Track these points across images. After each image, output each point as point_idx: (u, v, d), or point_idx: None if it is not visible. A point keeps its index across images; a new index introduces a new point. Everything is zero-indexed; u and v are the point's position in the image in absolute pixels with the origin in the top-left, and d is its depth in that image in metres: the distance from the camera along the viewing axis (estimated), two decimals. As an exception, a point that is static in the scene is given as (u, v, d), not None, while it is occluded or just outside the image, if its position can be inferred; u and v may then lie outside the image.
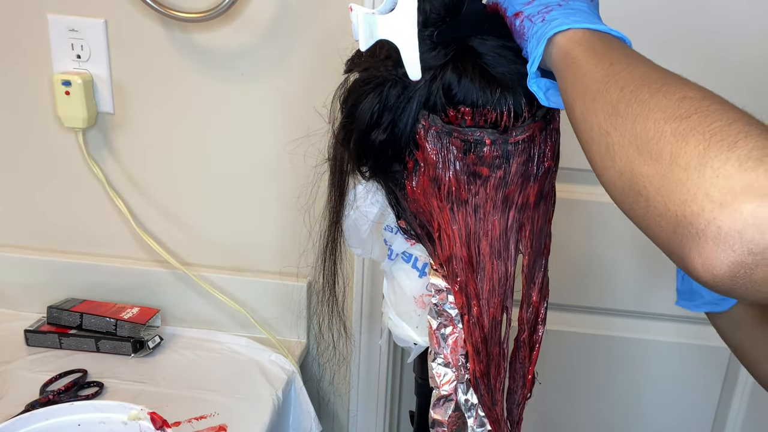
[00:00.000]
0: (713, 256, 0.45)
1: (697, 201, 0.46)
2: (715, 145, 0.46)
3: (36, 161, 1.36)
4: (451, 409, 0.77)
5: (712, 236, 0.45)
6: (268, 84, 1.26)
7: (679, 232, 0.47)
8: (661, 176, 0.49)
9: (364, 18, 0.63)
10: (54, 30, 1.25)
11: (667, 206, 0.48)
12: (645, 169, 0.50)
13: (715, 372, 1.46)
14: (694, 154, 0.47)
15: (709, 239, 0.45)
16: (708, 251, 0.45)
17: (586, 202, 1.34)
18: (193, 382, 1.23)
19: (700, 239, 0.46)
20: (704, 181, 0.46)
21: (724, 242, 0.44)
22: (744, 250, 0.44)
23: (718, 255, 0.45)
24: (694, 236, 0.46)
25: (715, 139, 0.46)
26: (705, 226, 0.45)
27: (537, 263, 0.76)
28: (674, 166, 0.47)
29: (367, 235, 0.88)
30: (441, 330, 0.76)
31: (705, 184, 0.46)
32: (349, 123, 0.71)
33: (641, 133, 0.50)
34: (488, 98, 0.64)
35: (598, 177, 0.56)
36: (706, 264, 0.46)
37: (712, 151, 0.46)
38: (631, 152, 0.51)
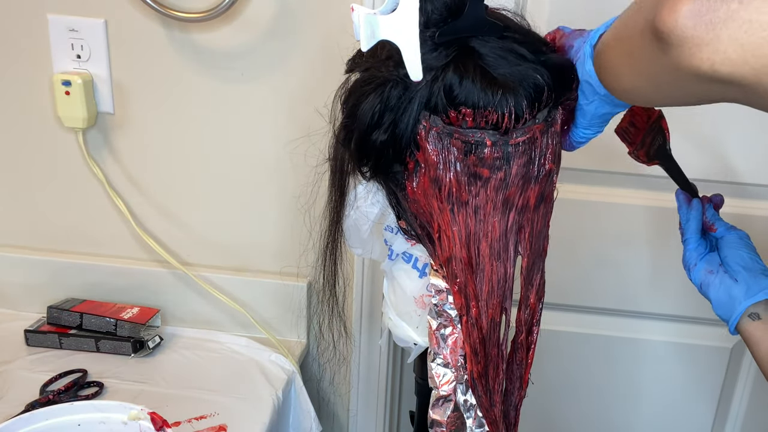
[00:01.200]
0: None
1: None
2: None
3: (36, 161, 1.36)
4: (450, 410, 0.77)
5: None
6: (269, 84, 1.26)
7: (657, 3, 0.49)
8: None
9: (365, 18, 0.63)
10: (54, 30, 1.25)
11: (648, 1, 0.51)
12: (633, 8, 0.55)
13: (715, 372, 1.46)
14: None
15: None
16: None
17: (587, 202, 1.34)
18: (193, 382, 1.23)
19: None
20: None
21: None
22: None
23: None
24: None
25: None
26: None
27: (535, 265, 0.76)
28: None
29: (368, 235, 0.88)
30: (441, 330, 0.76)
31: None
32: (350, 123, 0.71)
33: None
34: (489, 99, 0.64)
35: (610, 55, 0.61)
36: (673, 5, 0.47)
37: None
38: (627, 13, 0.57)
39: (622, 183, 1.33)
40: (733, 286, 0.82)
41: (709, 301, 0.85)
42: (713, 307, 0.85)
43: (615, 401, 1.52)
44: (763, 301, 0.81)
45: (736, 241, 0.85)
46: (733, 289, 0.82)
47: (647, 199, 1.33)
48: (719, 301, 0.83)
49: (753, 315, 0.82)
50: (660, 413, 1.52)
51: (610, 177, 1.33)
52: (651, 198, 1.32)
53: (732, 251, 0.84)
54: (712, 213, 0.89)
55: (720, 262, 0.85)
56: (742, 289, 0.82)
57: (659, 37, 0.49)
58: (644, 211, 1.34)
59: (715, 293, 0.84)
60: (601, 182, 1.33)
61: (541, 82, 0.65)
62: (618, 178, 1.33)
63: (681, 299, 1.40)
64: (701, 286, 0.85)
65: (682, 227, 0.90)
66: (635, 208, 1.34)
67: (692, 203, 0.89)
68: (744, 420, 1.48)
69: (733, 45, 0.45)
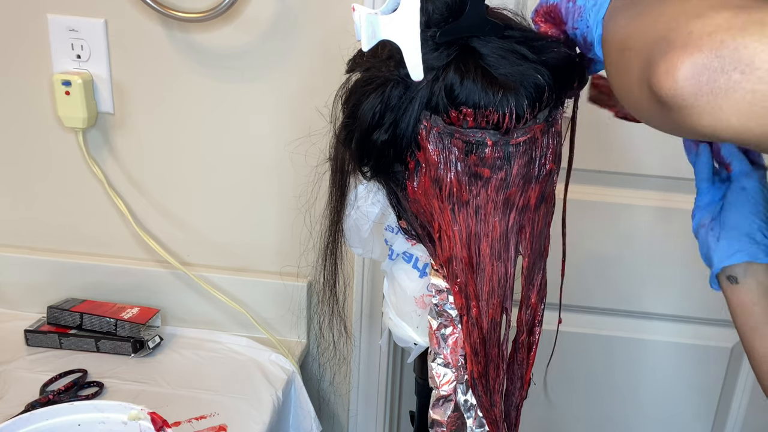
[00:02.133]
0: (678, 59, 0.45)
1: (674, 19, 0.46)
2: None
3: (36, 161, 1.36)
4: (450, 410, 0.77)
5: (681, 42, 0.45)
6: (269, 84, 1.26)
7: (653, 53, 0.47)
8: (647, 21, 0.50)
9: (366, 18, 0.63)
10: (54, 30, 1.25)
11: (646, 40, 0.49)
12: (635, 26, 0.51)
13: (715, 372, 1.46)
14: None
15: (678, 45, 0.45)
16: (674, 55, 0.45)
17: (587, 203, 1.34)
18: (193, 382, 1.23)
19: (668, 48, 0.46)
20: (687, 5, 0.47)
21: (692, 45, 0.44)
22: (712, 52, 0.43)
23: (683, 57, 0.44)
24: (665, 48, 0.46)
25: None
26: (676, 36, 0.45)
27: (536, 265, 0.76)
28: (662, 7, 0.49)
29: (368, 235, 0.88)
30: (441, 330, 0.76)
31: (687, 7, 0.46)
32: (350, 123, 0.71)
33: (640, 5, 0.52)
34: (490, 99, 0.64)
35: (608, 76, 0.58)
36: (669, 68, 0.45)
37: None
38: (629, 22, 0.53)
39: (622, 183, 1.33)
40: (714, 246, 0.79)
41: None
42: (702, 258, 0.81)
43: (615, 401, 1.52)
44: (745, 263, 0.77)
45: (739, 193, 0.79)
46: (711, 250, 0.79)
47: (647, 199, 1.33)
48: (704, 259, 0.80)
49: (731, 278, 0.78)
50: (660, 413, 1.52)
51: (611, 177, 1.33)
52: (651, 198, 1.32)
53: (729, 205, 0.80)
54: (730, 149, 0.82)
55: (718, 213, 0.80)
56: (720, 250, 0.78)
57: (657, 99, 0.47)
58: (644, 211, 1.34)
59: (701, 251, 0.81)
60: (602, 182, 1.33)
61: (542, 82, 0.65)
62: (618, 178, 1.33)
63: (681, 299, 1.40)
64: (696, 233, 0.82)
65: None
66: (635, 208, 1.34)
67: (699, 148, 0.83)
68: (744, 420, 1.48)
69: (736, 115, 0.44)
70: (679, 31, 0.45)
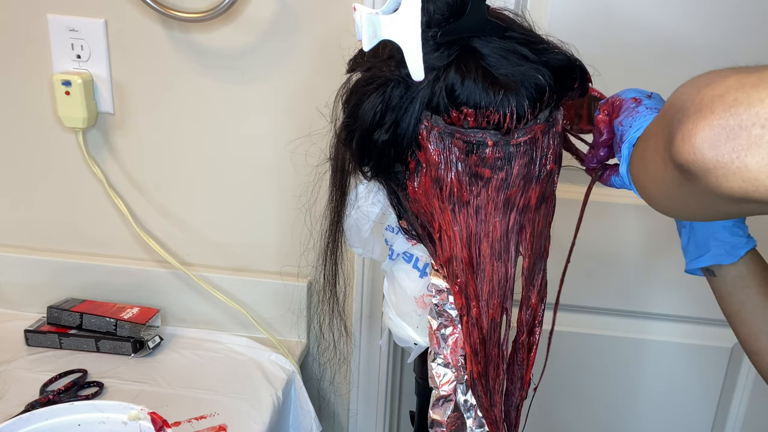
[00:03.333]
0: (692, 125, 0.44)
1: (687, 95, 0.47)
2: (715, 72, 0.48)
3: (36, 161, 1.36)
4: (450, 410, 0.77)
5: (694, 109, 0.45)
6: (269, 84, 1.26)
7: (670, 130, 0.48)
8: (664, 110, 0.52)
9: (367, 18, 0.63)
10: (54, 30, 1.25)
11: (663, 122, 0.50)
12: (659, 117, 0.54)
13: (715, 372, 1.46)
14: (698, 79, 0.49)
15: (691, 113, 0.45)
16: (688, 122, 0.45)
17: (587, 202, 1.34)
18: (193, 382, 1.23)
19: (683, 118, 0.46)
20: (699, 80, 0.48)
21: (704, 108, 0.44)
22: (726, 111, 0.43)
23: (697, 122, 0.44)
24: (679, 120, 0.46)
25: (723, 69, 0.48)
26: (689, 106, 0.46)
27: (537, 265, 0.76)
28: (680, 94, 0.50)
29: (369, 234, 0.88)
30: (441, 330, 0.76)
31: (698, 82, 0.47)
32: (351, 123, 0.71)
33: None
34: (491, 99, 0.64)
35: (641, 189, 0.61)
36: (686, 135, 0.45)
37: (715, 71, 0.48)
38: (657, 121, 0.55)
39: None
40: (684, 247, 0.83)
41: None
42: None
43: (615, 401, 1.52)
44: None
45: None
46: (684, 250, 0.83)
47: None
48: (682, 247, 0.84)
49: (708, 271, 0.81)
50: (660, 413, 1.52)
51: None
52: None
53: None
54: None
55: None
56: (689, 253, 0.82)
57: (681, 169, 0.47)
58: (645, 211, 1.34)
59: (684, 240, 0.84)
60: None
61: (542, 82, 0.65)
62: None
63: (681, 299, 1.41)
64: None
65: None
66: (636, 208, 1.34)
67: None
68: (744, 420, 1.48)
69: (765, 170, 0.42)
70: (692, 100, 0.45)
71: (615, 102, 0.72)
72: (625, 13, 1.24)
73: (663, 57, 1.25)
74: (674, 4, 1.23)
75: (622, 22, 1.24)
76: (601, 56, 0.80)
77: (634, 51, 1.25)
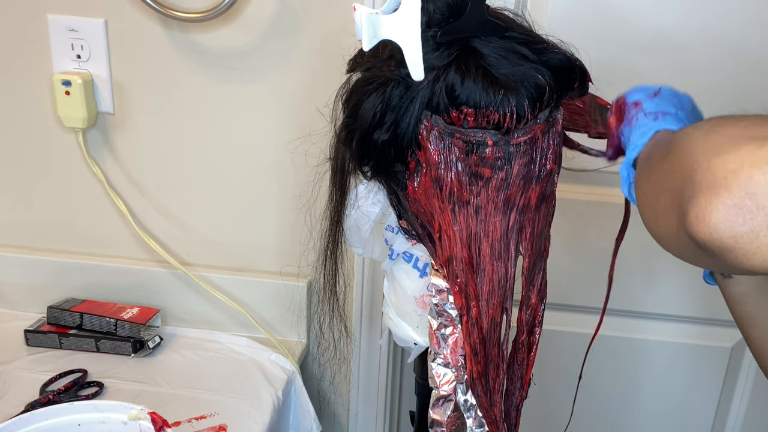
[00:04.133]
0: (706, 202, 0.42)
1: (697, 160, 0.45)
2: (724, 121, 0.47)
3: (36, 161, 1.36)
4: (450, 410, 0.77)
5: (707, 184, 0.43)
6: (269, 84, 1.26)
7: (681, 199, 0.46)
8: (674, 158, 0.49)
9: (367, 18, 0.63)
10: (54, 30, 1.25)
11: (674, 184, 0.48)
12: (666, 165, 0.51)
13: (715, 372, 1.46)
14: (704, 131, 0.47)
15: (704, 187, 0.43)
16: (702, 199, 0.43)
17: (587, 202, 1.34)
18: (193, 382, 1.23)
19: (696, 191, 0.44)
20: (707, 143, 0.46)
21: (719, 185, 0.42)
22: (740, 190, 0.41)
23: (711, 199, 0.42)
24: (691, 193, 0.44)
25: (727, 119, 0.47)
26: (701, 176, 0.43)
27: (537, 265, 0.76)
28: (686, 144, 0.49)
29: (368, 234, 0.88)
30: (441, 330, 0.76)
31: (706, 145, 0.45)
32: (351, 123, 0.71)
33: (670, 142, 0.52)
34: (491, 99, 0.64)
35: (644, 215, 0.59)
36: (699, 213, 0.43)
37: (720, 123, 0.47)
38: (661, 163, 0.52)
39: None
40: None
41: None
42: None
43: (615, 401, 1.52)
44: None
45: None
46: None
47: (647, 199, 1.33)
48: None
49: (723, 273, 0.79)
50: (660, 413, 1.52)
51: (611, 177, 1.32)
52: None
53: None
54: None
55: None
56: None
57: (697, 246, 0.45)
58: (644, 211, 1.34)
59: None
60: (602, 182, 1.33)
61: (542, 82, 0.65)
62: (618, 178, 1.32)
63: (681, 299, 1.40)
64: None
65: None
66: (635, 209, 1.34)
67: None
68: (744, 420, 1.48)
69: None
70: (704, 172, 0.43)
71: (621, 104, 0.71)
72: (625, 12, 1.24)
73: (663, 56, 1.25)
74: (674, 3, 1.23)
75: (622, 21, 1.24)
76: (600, 56, 0.80)
77: (634, 50, 1.25)
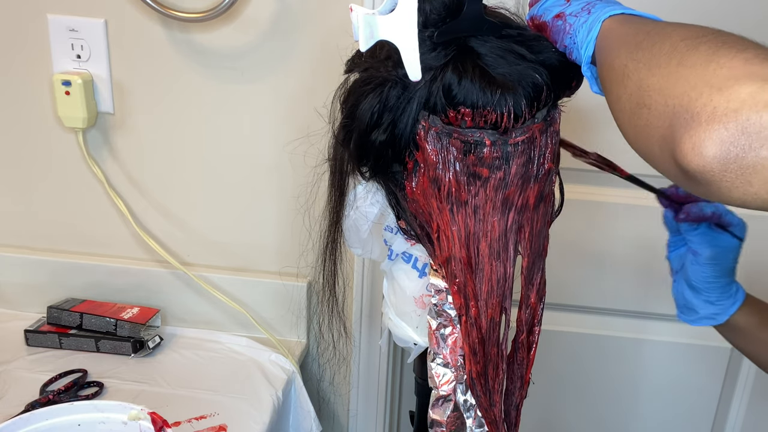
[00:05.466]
0: (704, 136, 0.44)
1: (696, 88, 0.46)
2: (724, 48, 0.47)
3: (36, 161, 1.36)
4: (449, 410, 0.77)
5: (707, 117, 0.44)
6: (268, 84, 1.26)
7: (674, 123, 0.47)
8: (665, 79, 0.49)
9: (364, 18, 0.63)
10: (54, 30, 1.25)
11: (666, 103, 0.48)
12: (652, 80, 0.50)
13: (715, 372, 1.46)
14: (702, 56, 0.47)
15: (703, 121, 0.45)
16: (700, 132, 0.45)
17: (586, 202, 1.34)
18: (193, 382, 1.23)
19: (693, 122, 0.45)
20: (707, 72, 0.46)
21: (718, 121, 0.44)
22: (738, 129, 0.43)
23: (709, 134, 0.44)
24: (688, 121, 0.46)
25: (726, 45, 0.47)
26: (700, 108, 0.45)
27: (536, 265, 0.76)
28: (680, 67, 0.48)
29: (367, 235, 0.88)
30: (440, 330, 0.76)
31: (707, 75, 0.46)
32: (349, 123, 0.71)
33: (656, 53, 0.51)
34: (488, 99, 0.64)
35: (613, 113, 0.57)
36: (696, 145, 0.45)
37: (721, 51, 0.47)
38: (643, 71, 0.52)
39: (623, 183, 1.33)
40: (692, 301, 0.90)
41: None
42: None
43: (615, 401, 1.52)
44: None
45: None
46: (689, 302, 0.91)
47: (648, 199, 1.32)
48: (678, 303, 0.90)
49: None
50: (660, 413, 1.52)
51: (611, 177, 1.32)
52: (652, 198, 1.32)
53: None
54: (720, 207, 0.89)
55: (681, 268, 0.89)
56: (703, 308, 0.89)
57: (683, 171, 0.47)
58: (644, 211, 1.34)
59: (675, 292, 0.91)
60: (601, 182, 1.33)
61: (540, 81, 0.65)
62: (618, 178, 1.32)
63: (681, 299, 1.40)
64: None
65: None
66: (635, 209, 1.34)
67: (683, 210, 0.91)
68: (744, 420, 1.48)
69: (765, 187, 0.44)
70: (703, 105, 0.45)
71: (539, 27, 0.69)
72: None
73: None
74: (674, 3, 1.23)
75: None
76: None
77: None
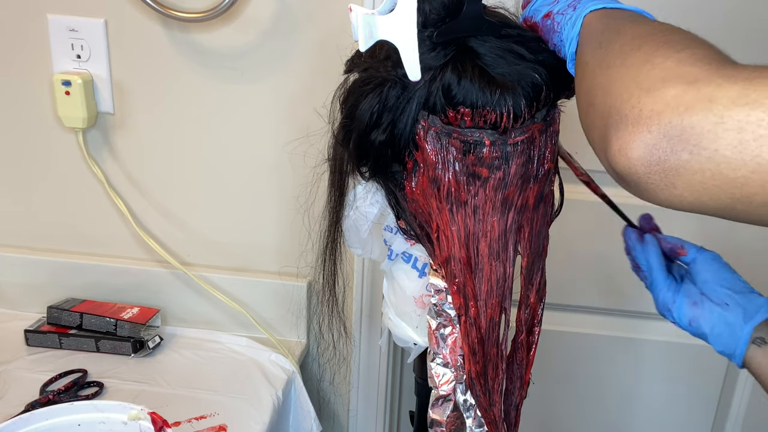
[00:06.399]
0: (629, 138, 0.46)
1: (628, 89, 0.47)
2: (664, 47, 0.48)
3: (36, 161, 1.36)
4: (449, 409, 0.77)
5: (633, 119, 0.46)
6: (268, 84, 1.26)
7: (608, 123, 0.48)
8: (608, 79, 0.50)
9: (363, 18, 0.63)
10: (54, 30, 1.25)
11: (605, 103, 0.49)
12: (601, 79, 0.51)
13: (715, 372, 1.46)
14: (642, 56, 0.48)
15: (629, 122, 0.46)
16: (626, 133, 0.46)
17: (586, 202, 1.34)
18: (193, 382, 1.23)
19: (621, 124, 0.47)
20: (641, 73, 0.47)
21: (642, 123, 0.45)
22: (660, 132, 0.44)
23: (633, 136, 0.45)
24: (617, 122, 0.47)
25: (667, 45, 0.48)
26: (629, 110, 0.46)
27: (535, 265, 0.76)
28: (622, 67, 0.49)
29: (367, 235, 0.88)
30: (440, 330, 0.76)
31: (640, 76, 0.47)
32: (348, 123, 0.71)
33: (608, 52, 0.52)
34: (488, 99, 0.64)
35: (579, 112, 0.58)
36: (622, 147, 0.46)
37: (660, 51, 0.47)
38: (597, 70, 0.53)
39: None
40: (727, 312, 0.72)
41: (705, 339, 0.74)
42: (712, 342, 0.74)
43: (615, 401, 1.52)
44: (765, 323, 0.71)
45: (711, 263, 0.76)
46: (727, 315, 0.72)
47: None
48: (716, 333, 0.73)
49: (758, 340, 0.71)
50: (660, 413, 1.52)
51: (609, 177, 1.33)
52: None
53: (712, 274, 0.75)
54: (672, 237, 0.80)
55: (700, 291, 0.75)
56: (737, 313, 0.72)
57: (614, 171, 0.49)
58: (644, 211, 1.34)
59: (709, 325, 0.73)
60: (601, 182, 1.33)
61: (539, 81, 0.65)
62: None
63: (681, 299, 1.40)
64: (690, 323, 0.75)
65: (642, 270, 0.80)
66: (635, 209, 1.34)
67: (646, 238, 0.81)
68: (744, 420, 1.48)
69: (688, 191, 0.45)
70: (632, 107, 0.46)
71: (531, 27, 0.70)
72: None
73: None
74: (674, 4, 1.23)
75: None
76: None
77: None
